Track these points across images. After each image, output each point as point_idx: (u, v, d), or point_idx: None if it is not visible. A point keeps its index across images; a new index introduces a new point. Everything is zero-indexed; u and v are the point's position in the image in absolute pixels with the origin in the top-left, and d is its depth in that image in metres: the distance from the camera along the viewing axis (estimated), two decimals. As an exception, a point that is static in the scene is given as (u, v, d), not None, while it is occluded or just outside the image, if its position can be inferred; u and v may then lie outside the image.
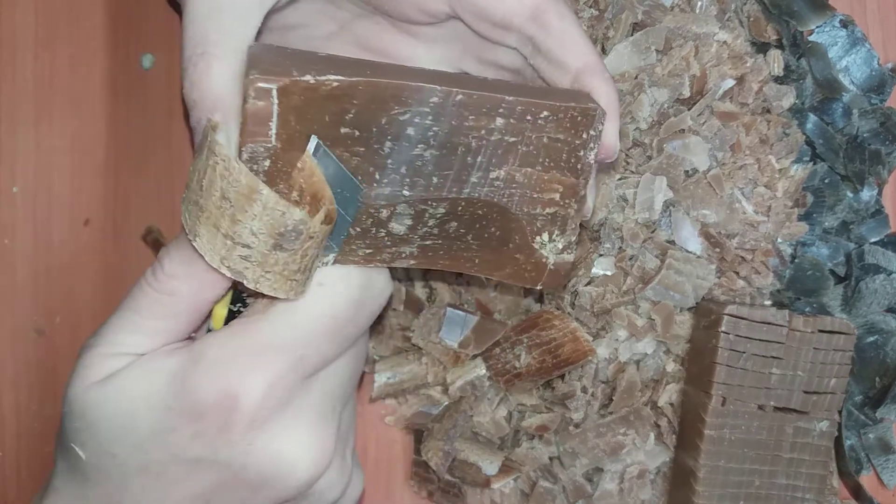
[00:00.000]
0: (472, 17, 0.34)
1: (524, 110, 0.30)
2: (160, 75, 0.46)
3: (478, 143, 0.30)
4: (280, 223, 0.27)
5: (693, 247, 0.40)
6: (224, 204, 0.27)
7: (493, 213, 0.32)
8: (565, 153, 0.32)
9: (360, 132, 0.29)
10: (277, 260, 0.28)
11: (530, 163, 0.31)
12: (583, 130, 0.32)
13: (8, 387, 0.45)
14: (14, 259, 0.45)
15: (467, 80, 0.31)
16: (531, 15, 0.33)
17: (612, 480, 0.42)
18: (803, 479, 0.39)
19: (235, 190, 0.27)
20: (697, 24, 0.41)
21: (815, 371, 0.38)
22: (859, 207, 0.42)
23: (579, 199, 0.33)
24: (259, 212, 0.27)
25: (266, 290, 0.29)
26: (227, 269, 0.28)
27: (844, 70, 0.43)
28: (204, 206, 0.28)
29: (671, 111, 0.41)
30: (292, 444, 0.31)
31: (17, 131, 0.45)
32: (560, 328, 0.40)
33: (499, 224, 0.33)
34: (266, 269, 0.28)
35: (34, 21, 0.46)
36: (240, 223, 0.27)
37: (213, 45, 0.29)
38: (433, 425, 0.42)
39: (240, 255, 0.28)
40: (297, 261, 0.28)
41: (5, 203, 0.45)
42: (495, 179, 0.31)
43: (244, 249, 0.28)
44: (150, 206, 0.45)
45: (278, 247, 0.28)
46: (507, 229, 0.33)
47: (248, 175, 0.27)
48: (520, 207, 0.32)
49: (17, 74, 0.45)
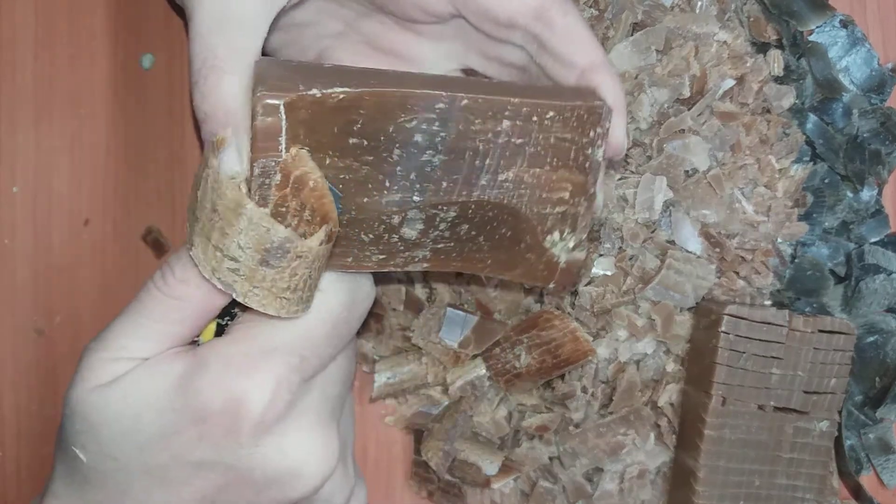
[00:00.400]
0: (476, 17, 0.34)
1: (530, 111, 0.30)
2: (160, 75, 0.46)
3: (485, 147, 0.30)
4: (265, 239, 0.28)
5: (693, 247, 0.40)
6: (214, 216, 0.28)
7: (503, 214, 0.32)
8: (573, 152, 0.32)
9: (369, 141, 0.29)
10: (265, 276, 0.28)
11: (538, 163, 0.31)
12: (590, 128, 0.31)
13: (8, 387, 0.45)
14: (14, 259, 0.45)
15: (472, 84, 0.31)
16: (535, 13, 0.33)
17: (612, 480, 0.42)
18: (803, 479, 0.39)
19: (223, 203, 0.27)
20: (697, 24, 0.41)
21: (815, 371, 0.38)
22: (859, 207, 0.42)
23: (589, 197, 0.33)
24: (245, 226, 0.27)
25: (255, 304, 0.29)
26: (218, 281, 0.29)
27: (844, 70, 0.43)
28: (199, 216, 0.28)
29: (671, 111, 0.41)
30: (298, 445, 0.31)
31: (17, 131, 0.45)
32: (560, 328, 0.40)
33: (509, 225, 0.33)
34: (254, 284, 0.28)
35: (34, 21, 0.46)
36: (227, 236, 0.28)
37: (222, 59, 0.29)
38: (433, 425, 0.42)
39: (228, 268, 0.28)
40: (285, 279, 0.28)
41: (5, 203, 0.45)
42: (504, 181, 0.31)
43: (232, 262, 0.28)
44: (150, 206, 0.45)
45: (265, 262, 0.28)
46: (517, 230, 0.33)
47: (233, 189, 0.27)
48: (529, 207, 0.32)
49: (17, 74, 0.45)
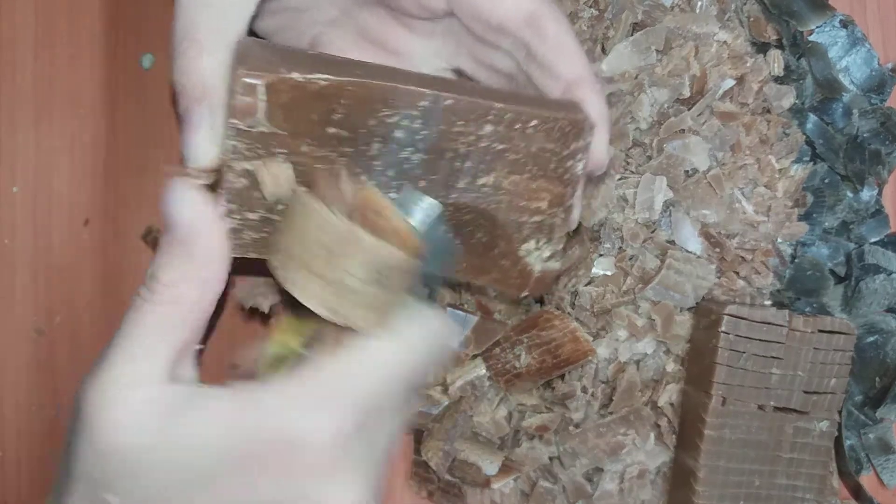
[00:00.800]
0: (468, 17, 0.34)
1: (513, 118, 0.30)
2: (160, 75, 0.46)
3: (466, 149, 0.30)
4: (379, 262, 0.28)
5: (693, 247, 0.40)
6: (316, 248, 0.28)
7: (479, 218, 0.32)
8: (553, 163, 0.31)
9: (348, 133, 0.29)
10: (371, 294, 0.28)
11: (518, 170, 0.31)
12: (572, 141, 0.31)
13: (8, 387, 0.45)
14: (14, 259, 0.45)
15: (458, 85, 0.31)
16: (527, 21, 0.33)
17: (612, 480, 0.42)
18: (803, 479, 0.39)
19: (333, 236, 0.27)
20: (697, 24, 0.41)
21: (815, 371, 0.38)
22: (859, 207, 0.42)
23: (566, 209, 0.33)
24: (357, 252, 0.27)
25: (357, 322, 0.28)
26: (325, 310, 0.28)
27: (844, 70, 0.43)
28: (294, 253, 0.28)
29: (671, 111, 0.41)
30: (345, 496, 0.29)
31: (17, 131, 0.45)
32: (560, 328, 0.40)
33: (485, 230, 0.33)
34: (358, 303, 0.28)
35: (34, 21, 0.46)
36: (336, 264, 0.27)
37: (204, 34, 0.29)
38: (433, 425, 0.42)
39: (332, 292, 0.28)
40: (388, 295, 0.28)
41: (5, 203, 0.45)
42: (483, 186, 0.31)
43: (340, 286, 0.28)
44: (150, 206, 0.45)
45: (375, 283, 0.28)
46: (493, 235, 0.33)
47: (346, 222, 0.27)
48: (506, 214, 0.32)
49: (17, 74, 0.45)
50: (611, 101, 0.41)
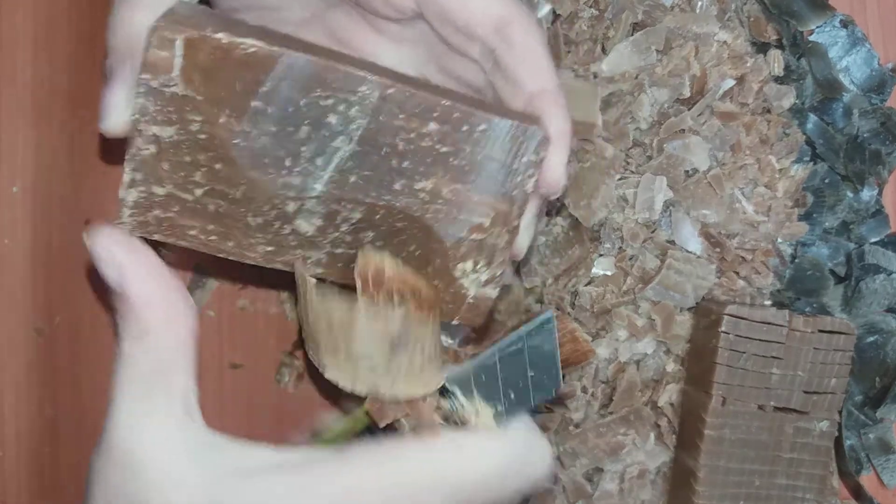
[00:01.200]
0: (436, 19, 0.32)
1: (461, 118, 0.28)
2: (160, 75, 0.46)
3: (405, 147, 0.28)
4: (387, 331, 0.27)
5: (693, 247, 0.40)
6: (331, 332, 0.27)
7: (413, 228, 0.30)
8: (501, 175, 0.29)
9: (274, 109, 0.26)
10: (401, 363, 0.28)
11: (461, 178, 0.29)
12: (523, 154, 0.29)
13: (8, 387, 0.45)
14: (14, 259, 0.45)
15: (404, 77, 0.29)
16: (496, 26, 0.31)
17: (612, 480, 0.42)
18: (803, 479, 0.39)
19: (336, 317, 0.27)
20: (697, 24, 0.41)
21: (815, 371, 0.38)
22: (859, 207, 0.42)
23: (511, 230, 0.30)
24: (363, 328, 0.27)
25: (404, 393, 0.28)
26: (363, 387, 0.28)
27: (844, 70, 0.43)
28: (318, 339, 0.28)
29: (671, 111, 0.41)
30: None
31: (17, 131, 0.45)
32: (560, 328, 0.40)
33: (419, 242, 0.30)
34: (395, 375, 0.28)
35: (34, 21, 0.46)
36: (351, 342, 0.27)
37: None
38: (433, 425, 0.42)
39: (366, 370, 0.28)
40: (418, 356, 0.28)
41: (5, 203, 0.45)
42: (420, 191, 0.29)
43: (367, 362, 0.27)
44: (150, 206, 0.45)
45: (395, 349, 0.27)
46: (427, 249, 0.30)
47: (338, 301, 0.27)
48: (444, 227, 0.30)
49: (17, 74, 0.45)
50: (611, 101, 0.41)
